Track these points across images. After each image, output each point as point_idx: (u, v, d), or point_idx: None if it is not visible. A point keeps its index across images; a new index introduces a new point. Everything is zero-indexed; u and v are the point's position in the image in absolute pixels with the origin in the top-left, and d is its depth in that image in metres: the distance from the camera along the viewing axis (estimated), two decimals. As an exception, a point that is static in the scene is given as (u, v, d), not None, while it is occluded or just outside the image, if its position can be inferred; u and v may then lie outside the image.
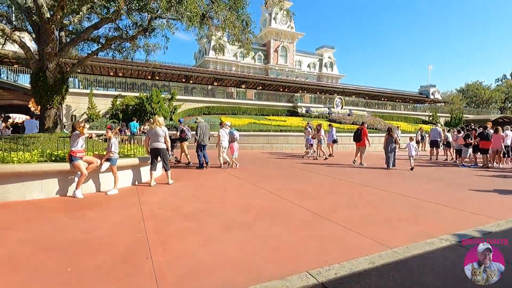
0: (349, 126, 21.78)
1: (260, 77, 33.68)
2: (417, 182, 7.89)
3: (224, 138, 9.55)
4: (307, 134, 14.01)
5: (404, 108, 39.46)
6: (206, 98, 24.28)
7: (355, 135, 11.48)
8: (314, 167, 10.51)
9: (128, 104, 19.67)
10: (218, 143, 9.62)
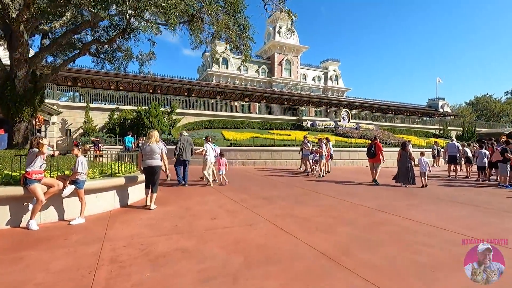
0: (357, 141, 20.67)
1: (264, 90, 33.06)
2: (442, 207, 6.73)
3: (209, 153, 8.97)
4: (305, 149, 13.00)
5: (413, 122, 38.25)
6: (207, 112, 23.53)
7: (369, 151, 10.57)
8: (319, 186, 9.40)
9: (126, 118, 18.97)
10: (204, 159, 8.98)
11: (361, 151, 18.42)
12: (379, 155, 10.29)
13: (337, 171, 14.61)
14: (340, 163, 17.80)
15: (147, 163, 6.08)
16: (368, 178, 12.43)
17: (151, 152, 6.08)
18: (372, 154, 10.39)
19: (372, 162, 10.53)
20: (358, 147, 19.28)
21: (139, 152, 6.43)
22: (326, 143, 12.32)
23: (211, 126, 22.36)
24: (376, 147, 10.32)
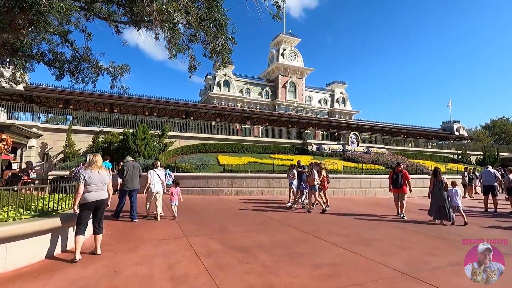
0: (369, 166, 18.36)
1: (266, 112, 31.49)
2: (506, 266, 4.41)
3: (153, 180, 7.78)
4: (291, 177, 10.84)
5: (427, 146, 35.70)
6: (203, 135, 21.82)
7: (394, 180, 9.10)
8: (322, 227, 7.16)
9: (112, 141, 17.32)
10: (147, 188, 7.80)
11: (373, 178, 16.11)
12: (406, 184, 8.99)
13: (346, 203, 12.28)
14: (349, 192, 15.46)
15: (95, 196, 4.68)
16: (385, 211, 10.19)
17: (101, 180, 4.78)
18: (398, 183, 8.99)
19: (397, 192, 9.11)
20: (370, 173, 16.96)
21: (78, 182, 4.66)
22: (320, 170, 10.17)
23: (207, 150, 20.51)
24: (403, 176, 9.01)
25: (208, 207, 10.44)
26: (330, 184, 15.36)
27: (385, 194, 16.01)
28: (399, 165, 9.37)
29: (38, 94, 22.09)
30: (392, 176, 9.21)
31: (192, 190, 14.23)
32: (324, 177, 10.32)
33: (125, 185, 7.61)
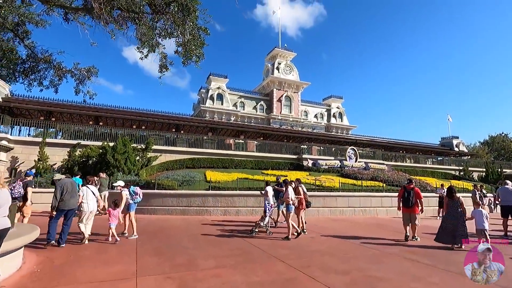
0: (368, 183, 17.01)
1: (261, 126, 30.37)
2: None
3: (87, 199, 6.91)
4: (266, 197, 9.15)
5: (426, 162, 34.54)
6: (191, 149, 20.49)
7: (405, 198, 8.09)
8: (315, 259, 5.74)
9: (90, 155, 15.93)
10: (79, 207, 6.87)
11: (374, 196, 14.74)
12: (417, 204, 8.01)
13: (345, 225, 10.84)
14: (348, 212, 14.03)
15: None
16: (389, 234, 8.87)
17: (5, 201, 3.73)
18: (409, 202, 8.00)
19: (407, 213, 8.11)
20: (370, 190, 15.59)
21: None
22: (297, 187, 8.80)
23: (195, 165, 19.12)
24: (416, 194, 8.02)
25: (184, 230, 8.99)
26: (328, 203, 14.05)
27: (387, 213, 14.61)
28: (411, 182, 8.30)
29: (18, 105, 20.88)
30: (403, 194, 8.16)
31: (173, 210, 12.78)
32: (302, 195, 8.79)
33: (61, 204, 6.55)
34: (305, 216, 9.33)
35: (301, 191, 8.77)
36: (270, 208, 8.71)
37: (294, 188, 8.57)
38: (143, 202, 13.19)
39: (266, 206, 8.60)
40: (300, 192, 8.74)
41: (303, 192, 8.85)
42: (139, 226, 9.86)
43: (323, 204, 13.85)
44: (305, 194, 9.09)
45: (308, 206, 9.32)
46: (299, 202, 8.58)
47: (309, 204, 9.37)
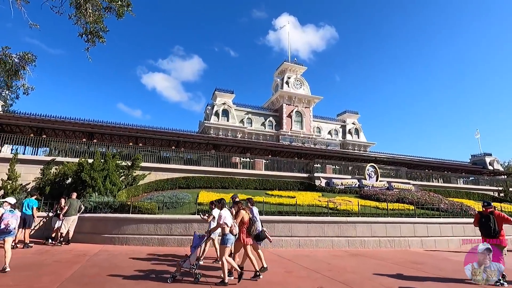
0: (394, 206, 13.90)
1: (269, 143, 27.94)
2: None
3: None
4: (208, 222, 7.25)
5: (457, 181, 30.57)
6: (185, 167, 18.19)
7: (483, 224, 6.15)
8: None
9: (66, 173, 13.93)
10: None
11: (404, 223, 11.66)
12: (502, 233, 6.01)
13: (368, 264, 7.86)
14: (371, 243, 10.99)
15: None
16: (440, 285, 5.82)
17: None
18: (491, 230, 5.97)
19: (488, 241, 6.02)
20: (397, 215, 12.52)
21: None
22: (239, 210, 6.22)
23: (189, 185, 16.72)
24: (498, 219, 6.01)
25: (137, 274, 6.38)
26: (344, 231, 11.09)
27: (422, 245, 11.43)
28: (489, 205, 6.20)
29: (7, 122, 19.67)
30: (479, 220, 6.35)
31: (150, 240, 10.30)
32: (246, 222, 6.17)
33: None
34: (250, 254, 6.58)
35: (245, 217, 6.15)
36: (203, 240, 6.14)
37: (237, 213, 6.20)
38: (114, 229, 10.91)
39: (195, 238, 6.03)
40: (244, 218, 6.12)
41: (249, 219, 6.23)
42: (90, 261, 7.41)
43: (339, 232, 10.93)
44: (254, 222, 6.34)
45: (259, 238, 6.53)
46: (241, 232, 6.06)
47: (260, 235, 6.55)
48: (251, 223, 6.18)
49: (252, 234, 6.14)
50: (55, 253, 8.65)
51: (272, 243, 10.40)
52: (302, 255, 9.32)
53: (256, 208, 7.15)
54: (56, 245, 10.03)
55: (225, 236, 5.66)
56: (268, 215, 11.16)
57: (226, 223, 5.68)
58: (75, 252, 8.85)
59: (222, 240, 5.71)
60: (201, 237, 6.09)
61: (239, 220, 6.02)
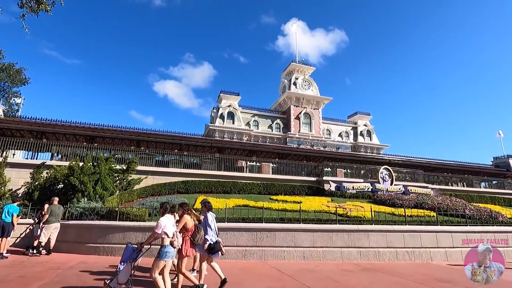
0: (412, 212, 12.40)
1: (276, 146, 26.77)
2: None
3: None
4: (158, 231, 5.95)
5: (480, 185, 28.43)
6: (184, 170, 17.22)
7: None
8: None
9: (56, 178, 13.19)
10: None
11: (425, 232, 10.23)
12: None
13: (383, 282, 6.53)
14: (386, 255, 9.62)
15: None
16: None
17: None
18: None
19: None
20: (416, 222, 11.05)
21: None
22: (182, 214, 5.40)
23: (188, 189, 15.73)
24: None
25: None
26: (355, 241, 9.76)
27: (446, 257, 9.97)
28: None
29: (7, 126, 19.35)
30: None
31: (136, 250, 9.21)
32: (190, 229, 5.26)
33: None
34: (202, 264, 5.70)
35: (189, 223, 5.27)
36: (140, 254, 5.03)
37: (180, 218, 5.38)
38: (99, 238, 9.97)
39: (127, 250, 5.01)
40: (187, 224, 5.24)
41: (194, 225, 5.37)
42: (58, 277, 6.41)
43: (349, 242, 9.62)
44: (200, 230, 5.43)
45: (213, 249, 5.54)
46: (185, 242, 5.19)
47: (215, 247, 5.55)
48: (197, 230, 5.27)
49: (196, 244, 5.24)
50: (27, 266, 7.74)
51: (273, 254, 9.26)
52: (306, 269, 8.08)
53: (212, 214, 6.12)
54: (35, 255, 9.14)
55: (162, 249, 4.70)
56: (269, 222, 9.96)
57: (166, 233, 4.70)
58: (50, 265, 7.91)
59: (159, 252, 4.75)
60: (136, 250, 5.01)
61: (181, 226, 5.13)
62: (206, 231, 5.63)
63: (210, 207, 6.21)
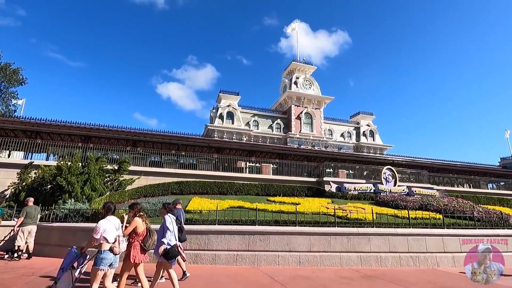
0: (417, 214, 11.69)
1: (275, 146, 26.15)
2: None
3: None
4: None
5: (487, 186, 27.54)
6: (179, 170, 16.70)
7: None
8: None
9: (44, 178, 12.71)
10: None
11: (431, 235, 9.55)
12: None
13: None
14: (389, 260, 8.95)
15: None
16: None
17: None
18: None
19: None
20: (421, 225, 10.34)
21: None
22: (134, 215, 4.93)
23: (183, 190, 15.18)
24: None
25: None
26: (355, 245, 9.11)
27: (454, 263, 9.27)
28: None
29: (1, 126, 18.97)
30: None
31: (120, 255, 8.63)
32: (138, 234, 4.73)
33: None
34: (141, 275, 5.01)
35: (140, 227, 4.75)
36: (82, 262, 4.47)
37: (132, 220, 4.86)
38: (83, 241, 9.41)
39: (69, 255, 4.51)
40: (138, 228, 4.71)
41: (146, 229, 4.85)
42: (28, 284, 5.85)
43: (348, 247, 8.96)
44: (152, 233, 4.92)
45: (168, 255, 4.94)
46: (132, 246, 4.68)
47: (170, 252, 4.96)
48: (149, 234, 4.75)
49: (147, 250, 4.73)
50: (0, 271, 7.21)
51: (267, 259, 8.63)
52: (301, 276, 7.44)
53: (171, 217, 5.53)
54: (14, 259, 8.63)
55: (99, 255, 4.19)
56: (262, 224, 9.33)
57: (106, 238, 4.18)
58: (25, 270, 7.37)
59: (95, 259, 4.22)
60: (81, 255, 4.46)
61: (130, 230, 4.60)
62: (163, 234, 5.11)
63: (171, 208, 5.75)
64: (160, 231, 5.22)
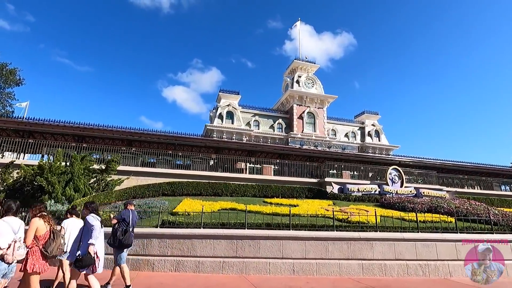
0: (426, 217, 10.62)
1: (276, 146, 25.21)
2: None
3: None
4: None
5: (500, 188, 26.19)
6: (171, 170, 15.89)
7: None
8: None
9: (26, 178, 12.01)
10: None
11: (441, 240, 8.52)
12: None
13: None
14: (395, 269, 7.94)
15: None
16: None
17: None
18: None
19: None
20: (431, 229, 9.30)
21: None
22: (35, 214, 4.20)
23: (175, 191, 14.35)
24: None
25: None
26: (356, 251, 8.14)
27: (468, 272, 8.17)
28: None
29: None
30: None
31: (95, 260, 7.80)
32: (39, 238, 3.97)
33: None
34: None
35: (41, 230, 4.00)
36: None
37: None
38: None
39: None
40: (39, 230, 3.97)
41: (49, 232, 4.04)
42: None
43: (348, 253, 8.00)
44: (57, 236, 4.14)
45: (80, 263, 4.32)
46: (31, 254, 3.85)
47: (84, 260, 4.33)
48: (53, 238, 3.99)
49: (49, 256, 3.95)
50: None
51: (256, 267, 7.71)
52: (294, 286, 6.51)
53: (95, 217, 4.69)
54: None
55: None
56: (252, 228, 8.42)
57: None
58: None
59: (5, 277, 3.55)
60: None
61: (31, 235, 3.86)
62: (90, 235, 4.51)
63: (94, 207, 5.01)
64: (85, 233, 4.56)
